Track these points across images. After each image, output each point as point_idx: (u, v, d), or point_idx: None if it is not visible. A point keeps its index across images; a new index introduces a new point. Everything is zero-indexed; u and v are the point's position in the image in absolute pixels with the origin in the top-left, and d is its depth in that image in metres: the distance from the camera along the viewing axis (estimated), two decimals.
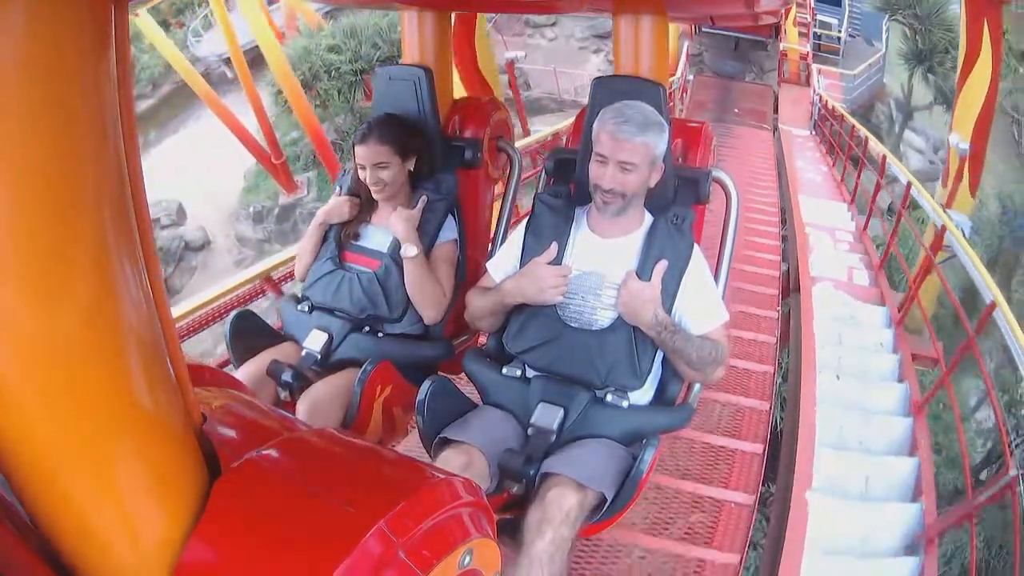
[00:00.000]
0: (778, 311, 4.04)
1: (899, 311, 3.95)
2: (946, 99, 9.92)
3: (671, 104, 9.28)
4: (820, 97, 10.40)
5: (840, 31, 14.70)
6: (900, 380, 3.46)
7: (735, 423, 2.85)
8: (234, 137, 13.20)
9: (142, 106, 17.88)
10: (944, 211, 4.33)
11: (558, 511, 1.24)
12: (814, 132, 10.05)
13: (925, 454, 2.87)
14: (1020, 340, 2.62)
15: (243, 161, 14.47)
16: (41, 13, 0.45)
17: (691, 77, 12.32)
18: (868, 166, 6.00)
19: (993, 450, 5.72)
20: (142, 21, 13.11)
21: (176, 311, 2.35)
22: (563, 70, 13.95)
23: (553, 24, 15.95)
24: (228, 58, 15.92)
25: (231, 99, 14.64)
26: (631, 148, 1.38)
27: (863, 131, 6.81)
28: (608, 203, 1.44)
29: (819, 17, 14.20)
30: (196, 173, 14.78)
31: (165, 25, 18.89)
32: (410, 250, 1.69)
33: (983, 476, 5.42)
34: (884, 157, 5.59)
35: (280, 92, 12.81)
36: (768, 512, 2.83)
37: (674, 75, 10.44)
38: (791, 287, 4.57)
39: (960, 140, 6.06)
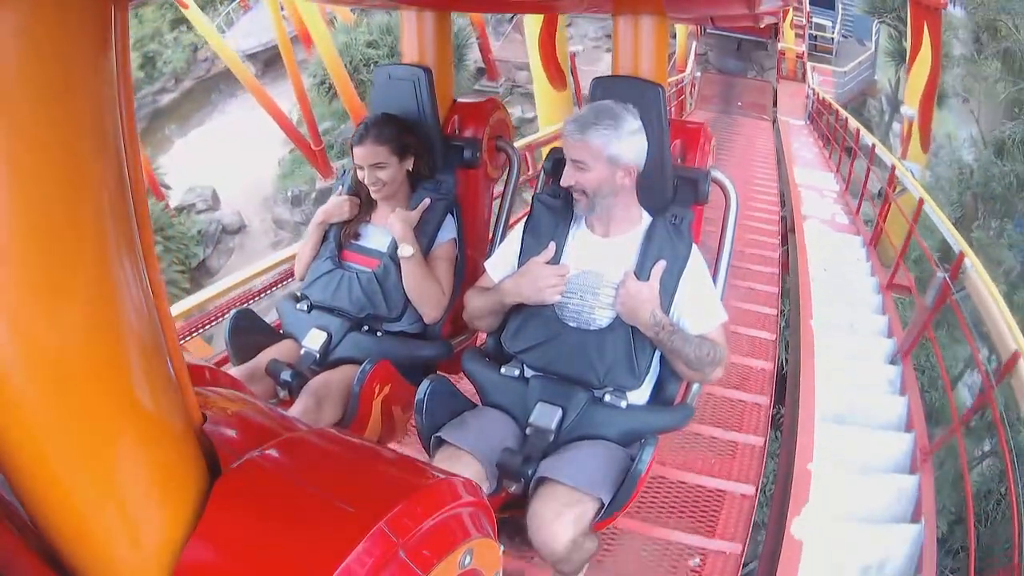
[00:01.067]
0: (779, 250, 5.51)
1: (872, 240, 5.32)
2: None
3: (682, 97, 9.90)
4: (814, 91, 11.61)
5: (833, 32, 15.89)
6: (872, 275, 4.78)
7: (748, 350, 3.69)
8: (262, 128, 14.04)
9: (164, 99, 18.62)
10: (899, 160, 5.86)
11: (551, 555, 1.28)
12: (808, 122, 11.35)
13: (893, 315, 4.11)
14: (945, 221, 3.80)
15: (275, 151, 15.35)
16: (41, 13, 0.45)
17: (698, 74, 13.36)
18: (848, 141, 7.42)
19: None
20: (192, 13, 13.92)
21: (176, 311, 2.35)
22: (581, 67, 14.52)
23: (569, 25, 16.76)
24: (251, 54, 16.79)
25: (242, 98, 15.31)
26: (578, 147, 1.40)
27: (844, 113, 8.31)
28: (577, 200, 1.46)
29: (814, 19, 15.49)
30: (227, 162, 15.45)
31: (183, 21, 19.39)
32: (406, 250, 1.69)
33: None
34: (858, 130, 7.08)
35: (323, 83, 13.81)
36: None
37: (684, 71, 11.81)
38: (788, 229, 5.82)
39: (908, 109, 8.44)
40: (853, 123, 7.46)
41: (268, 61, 16.73)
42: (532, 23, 8.91)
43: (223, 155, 15.64)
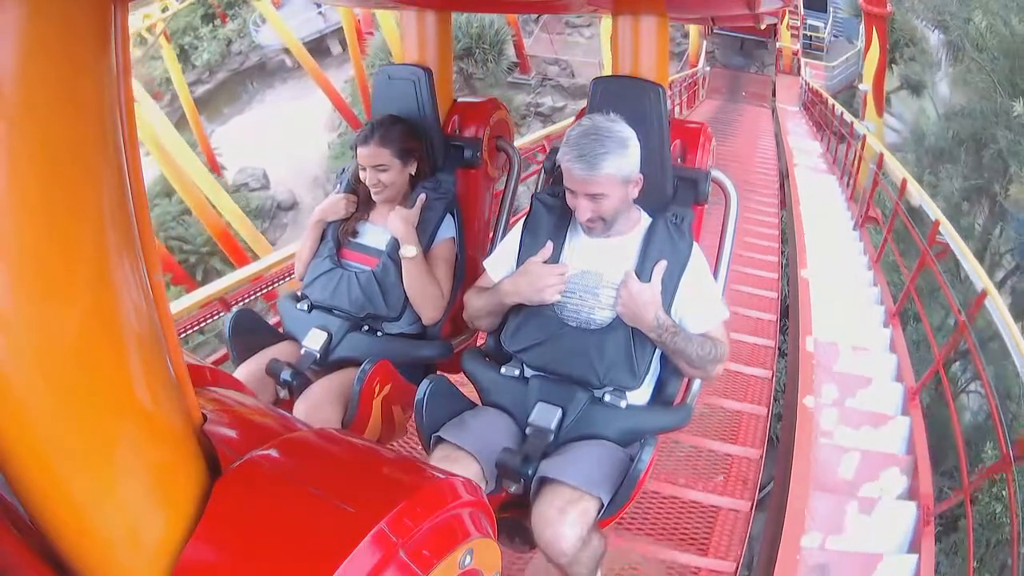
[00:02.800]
0: (777, 189, 8.01)
1: (842, 175, 7.79)
2: (910, 85, 13.44)
3: (695, 89, 13.36)
4: (807, 83, 14.01)
5: (825, 32, 17.92)
6: (842, 194, 7.36)
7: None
8: (305, 115, 15.94)
9: (199, 91, 20.06)
10: (858, 120, 8.50)
11: (561, 555, 1.27)
12: (801, 108, 13.68)
13: (854, 210, 6.24)
14: (871, 135, 6.36)
15: (321, 135, 17.18)
16: (41, 12, 0.45)
17: (708, 68, 15.50)
18: (829, 117, 9.77)
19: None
20: (262, 5, 15.48)
21: (175, 309, 2.35)
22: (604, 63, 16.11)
23: (589, 25, 18.55)
24: (287, 48, 18.44)
25: (291, 84, 16.71)
26: (595, 182, 1.36)
27: (826, 95, 11.00)
28: (591, 228, 1.44)
29: (808, 21, 17.75)
30: (272, 147, 17.08)
31: (211, 17, 20.84)
32: (409, 250, 1.69)
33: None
34: (834, 106, 9.46)
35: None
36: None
37: (696, 66, 14.54)
38: (784, 176, 8.14)
39: (864, 85, 11.67)
40: (831, 101, 10.11)
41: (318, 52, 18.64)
42: (607, 24, 10.75)
43: (268, 140, 17.17)
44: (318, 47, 18.62)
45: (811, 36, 17.70)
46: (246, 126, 18.81)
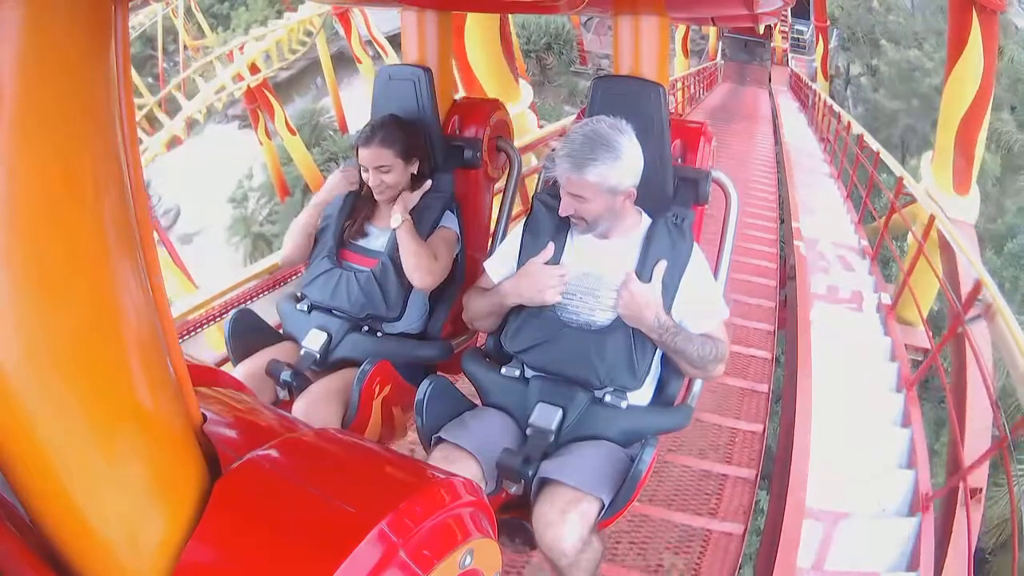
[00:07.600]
0: (772, 123, 13.38)
1: (821, 134, 11.55)
2: (869, 70, 18.94)
3: (714, 76, 21.00)
4: (792, 72, 20.48)
5: (807, 35, 22.90)
6: (809, 126, 12.91)
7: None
8: None
9: (279, 76, 21.25)
10: (813, 83, 15.92)
11: (562, 556, 1.27)
12: (789, 88, 19.64)
13: (817, 137, 11.43)
14: (815, 88, 14.52)
15: None
16: (41, 12, 0.45)
17: (723, 62, 21.96)
18: (809, 93, 14.98)
19: None
20: None
21: (175, 311, 2.35)
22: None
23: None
24: (388, 37, 20.06)
25: (362, 75, 18.49)
26: (578, 184, 1.37)
27: (805, 79, 17.01)
28: (575, 224, 1.45)
29: (795, 27, 23.38)
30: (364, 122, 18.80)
31: (282, 12, 21.73)
32: (395, 219, 1.71)
33: None
34: (808, 85, 15.30)
35: None
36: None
37: (714, 60, 21.03)
38: (774, 116, 13.62)
39: (813, 63, 18.94)
40: (808, 82, 16.01)
41: (396, 42, 20.17)
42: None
43: (362, 118, 18.38)
44: (396, 40, 20.21)
45: (797, 37, 23.05)
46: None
